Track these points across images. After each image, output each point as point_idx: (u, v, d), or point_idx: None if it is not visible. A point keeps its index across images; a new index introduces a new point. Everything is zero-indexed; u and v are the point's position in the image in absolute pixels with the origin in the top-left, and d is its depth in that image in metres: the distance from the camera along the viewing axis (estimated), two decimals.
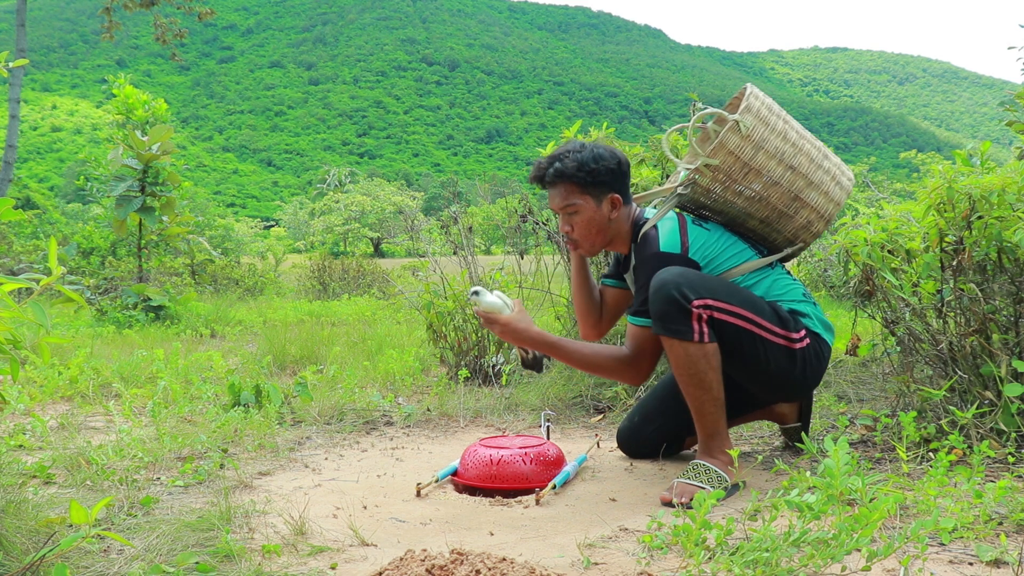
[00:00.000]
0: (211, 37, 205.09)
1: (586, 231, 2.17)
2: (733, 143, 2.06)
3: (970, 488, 1.72)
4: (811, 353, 2.09)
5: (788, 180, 2.11)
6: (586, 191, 2.13)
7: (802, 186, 2.13)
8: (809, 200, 2.15)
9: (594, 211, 2.14)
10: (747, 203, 2.13)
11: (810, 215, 2.16)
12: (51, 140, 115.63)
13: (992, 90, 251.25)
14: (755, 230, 2.20)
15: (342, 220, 41.21)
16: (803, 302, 2.15)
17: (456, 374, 3.57)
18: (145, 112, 7.01)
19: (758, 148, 2.08)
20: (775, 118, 2.11)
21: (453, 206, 4.19)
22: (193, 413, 2.95)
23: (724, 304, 2.00)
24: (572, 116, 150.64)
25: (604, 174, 2.11)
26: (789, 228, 2.18)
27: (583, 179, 2.11)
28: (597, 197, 2.14)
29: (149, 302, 6.49)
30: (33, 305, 1.31)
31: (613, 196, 2.14)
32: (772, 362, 2.05)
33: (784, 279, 2.19)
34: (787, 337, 2.05)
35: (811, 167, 2.14)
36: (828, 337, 2.16)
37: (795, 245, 2.23)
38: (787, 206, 2.13)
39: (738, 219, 2.18)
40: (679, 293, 1.95)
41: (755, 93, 2.12)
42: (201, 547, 1.63)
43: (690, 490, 1.98)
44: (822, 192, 2.16)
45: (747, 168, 2.08)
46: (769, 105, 2.13)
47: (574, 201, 2.13)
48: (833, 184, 2.18)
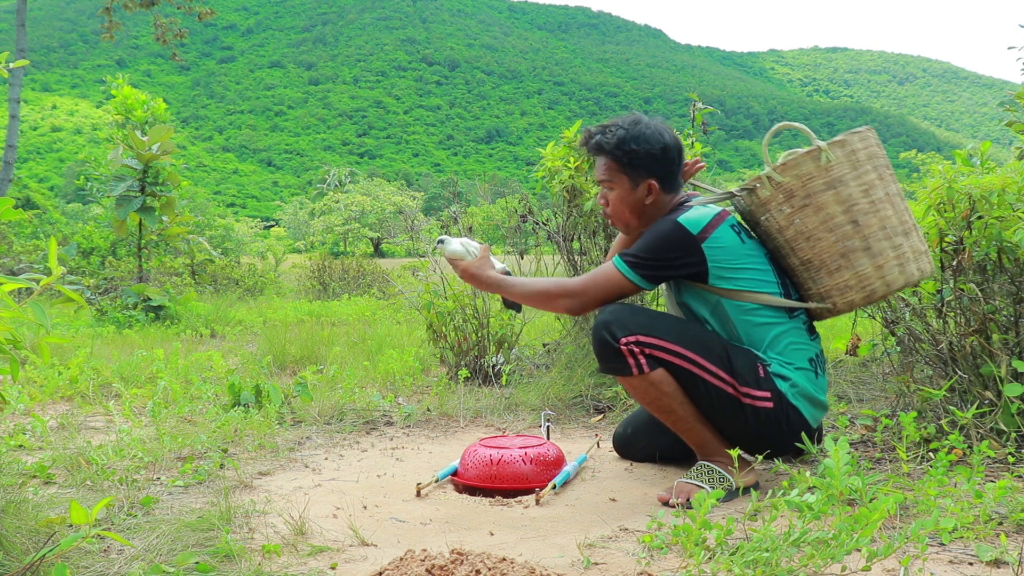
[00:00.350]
0: (211, 37, 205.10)
1: (618, 209, 2.13)
2: (805, 169, 1.97)
3: (970, 488, 1.72)
4: (770, 416, 1.97)
5: (844, 233, 1.97)
6: (623, 170, 2.08)
7: (856, 246, 1.98)
8: (856, 264, 1.99)
9: (628, 192, 2.10)
10: (794, 236, 2.01)
11: (851, 280, 2.00)
12: (51, 140, 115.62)
13: (992, 90, 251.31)
14: (794, 270, 2.08)
15: (342, 220, 41.23)
16: (800, 369, 2.00)
17: (456, 374, 3.57)
18: (144, 112, 7.01)
19: (830, 186, 1.95)
20: (868, 168, 1.97)
21: (453, 206, 4.19)
22: (193, 413, 2.95)
23: (657, 340, 1.97)
24: (572, 116, 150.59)
25: (643, 157, 2.05)
26: (825, 283, 2.03)
27: (620, 158, 2.07)
28: (633, 179, 2.08)
29: (149, 302, 6.49)
30: (33, 305, 1.31)
31: (650, 182, 2.08)
32: (717, 407, 1.98)
33: (796, 336, 2.04)
34: (734, 387, 1.96)
35: (879, 234, 1.97)
36: (808, 411, 2.01)
37: (824, 304, 2.06)
38: (831, 259, 1.99)
39: (782, 250, 2.07)
40: (608, 333, 2.00)
41: (865, 136, 2.00)
42: (201, 547, 1.63)
43: (690, 490, 1.98)
44: (876, 264, 1.98)
45: (808, 201, 1.97)
46: (872, 154, 2.00)
47: (611, 177, 2.11)
48: (894, 263, 1.99)
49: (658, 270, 2.01)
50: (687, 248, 1.98)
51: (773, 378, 1.98)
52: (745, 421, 1.98)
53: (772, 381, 1.98)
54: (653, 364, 1.97)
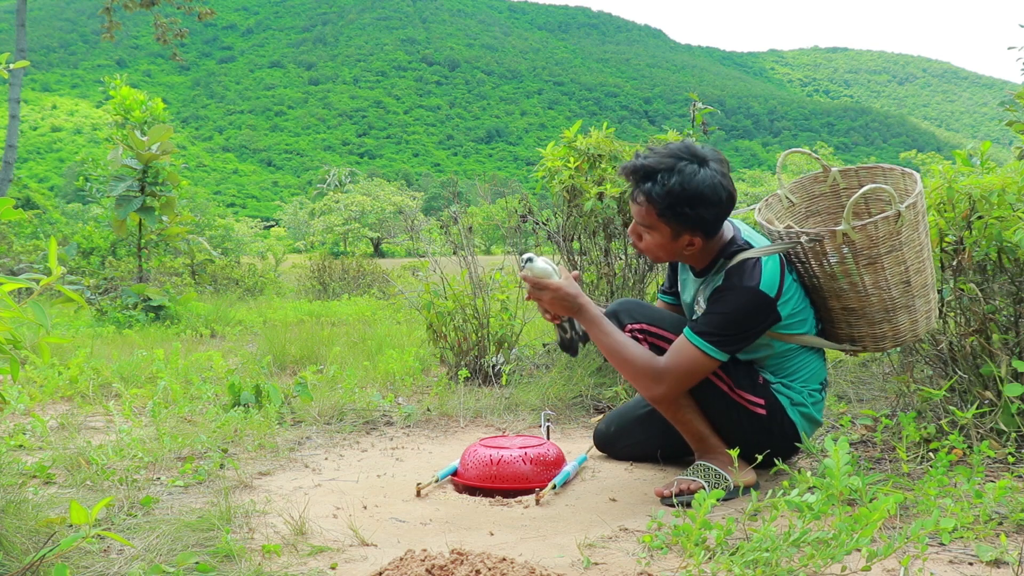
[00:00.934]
0: (211, 37, 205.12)
1: (655, 247, 1.99)
2: (880, 232, 1.90)
3: (970, 488, 1.72)
4: (761, 422, 2.00)
5: (897, 291, 1.97)
6: (667, 222, 1.91)
7: (901, 304, 1.99)
8: (896, 319, 2.00)
9: (668, 241, 1.95)
10: (848, 287, 1.98)
11: (888, 331, 2.02)
12: (51, 140, 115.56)
13: (992, 90, 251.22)
14: (831, 311, 2.05)
15: (342, 220, 41.21)
16: (812, 392, 2.04)
17: (456, 374, 3.57)
18: (142, 112, 7.01)
19: (895, 248, 1.92)
20: (921, 223, 1.97)
21: (453, 206, 4.19)
22: (193, 413, 2.95)
23: (660, 331, 2.00)
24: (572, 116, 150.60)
25: (693, 220, 1.88)
26: (862, 331, 2.04)
27: (665, 212, 1.89)
28: (677, 232, 1.93)
29: (149, 302, 6.49)
30: (33, 305, 1.31)
31: (695, 238, 1.94)
32: (712, 402, 2.00)
33: (815, 363, 2.06)
34: (729, 387, 1.99)
35: (920, 290, 2.00)
36: (803, 425, 2.03)
37: (855, 346, 2.08)
38: (877, 312, 2.00)
39: (825, 292, 2.03)
40: (616, 320, 2.02)
41: (921, 193, 1.97)
42: (201, 547, 1.63)
43: (688, 484, 1.99)
44: (912, 319, 2.02)
45: (870, 260, 1.93)
46: (923, 210, 1.99)
47: (651, 223, 1.94)
48: (924, 317, 2.05)
49: (741, 341, 1.92)
50: (768, 312, 1.91)
51: (772, 390, 2.01)
52: (738, 420, 2.01)
53: (769, 390, 2.01)
54: (656, 352, 1.99)
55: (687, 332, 1.93)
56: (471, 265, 3.79)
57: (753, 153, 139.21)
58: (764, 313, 1.90)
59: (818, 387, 2.07)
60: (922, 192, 1.97)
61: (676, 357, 1.93)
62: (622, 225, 3.86)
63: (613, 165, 3.76)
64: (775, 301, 1.90)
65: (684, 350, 1.92)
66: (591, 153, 3.77)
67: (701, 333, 1.90)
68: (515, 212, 4.08)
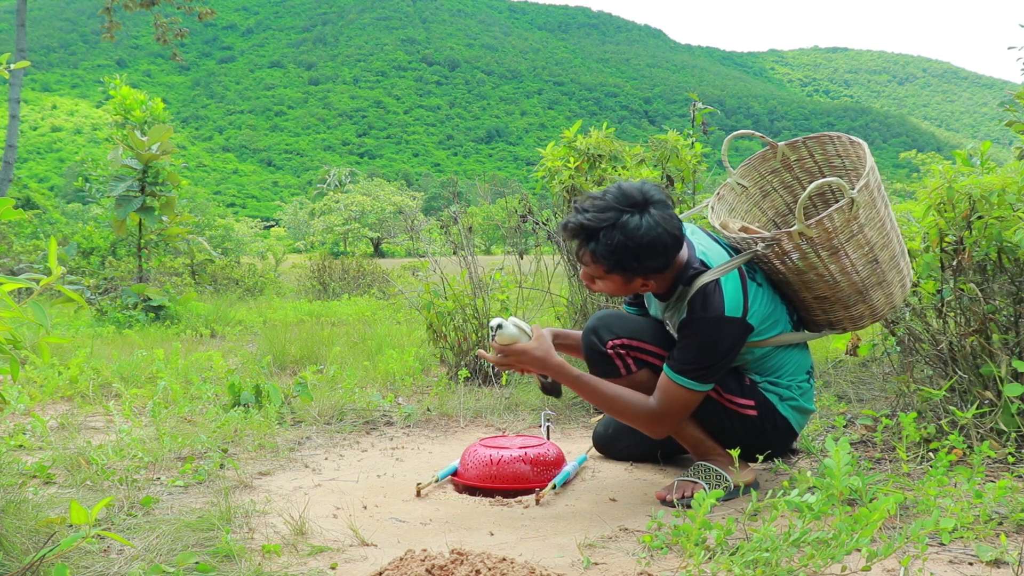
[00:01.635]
0: (211, 37, 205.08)
1: (610, 291, 1.99)
2: (834, 223, 1.89)
3: (970, 488, 1.72)
4: (754, 423, 2.00)
5: (865, 274, 1.96)
6: (618, 273, 1.90)
7: (873, 283, 1.98)
8: (872, 298, 2.01)
9: (622, 286, 1.95)
10: (815, 279, 1.97)
11: (865, 311, 2.03)
12: (51, 140, 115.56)
13: (992, 90, 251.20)
14: (804, 302, 2.05)
15: (342, 220, 41.20)
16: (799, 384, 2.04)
17: (456, 374, 3.57)
18: (142, 112, 7.01)
19: (854, 234, 1.90)
20: (878, 199, 1.94)
21: (453, 206, 4.19)
22: (193, 413, 2.95)
23: (642, 344, 2.00)
24: (572, 116, 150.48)
25: (638, 268, 1.87)
26: (839, 315, 2.04)
27: (614, 268, 1.88)
28: (628, 279, 1.92)
29: (149, 302, 6.49)
30: (33, 305, 1.31)
31: (648, 282, 1.94)
32: (704, 411, 2.00)
33: (798, 355, 2.06)
34: (718, 392, 1.99)
35: (889, 264, 1.99)
36: (794, 418, 2.04)
37: (835, 330, 2.10)
38: (848, 297, 1.99)
39: (794, 285, 2.02)
40: (596, 338, 2.02)
41: (873, 167, 1.94)
42: (201, 547, 1.63)
43: (689, 487, 1.99)
44: (887, 293, 2.02)
45: (832, 251, 1.92)
46: (878, 181, 1.95)
47: (600, 275, 1.93)
48: (899, 287, 2.05)
49: (722, 366, 1.91)
50: (740, 332, 1.90)
51: (760, 390, 2.01)
52: (730, 425, 2.01)
53: (757, 391, 2.01)
54: (640, 365, 2.01)
55: (668, 372, 1.92)
56: (471, 265, 3.79)
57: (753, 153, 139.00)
58: (736, 334, 1.88)
59: (805, 376, 2.06)
60: (874, 166, 1.94)
61: (665, 399, 1.93)
62: None
63: (613, 165, 3.76)
64: (743, 319, 1.88)
65: (670, 391, 1.92)
66: (591, 153, 3.77)
67: (682, 372, 1.89)
68: (515, 212, 4.08)
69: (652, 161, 3.79)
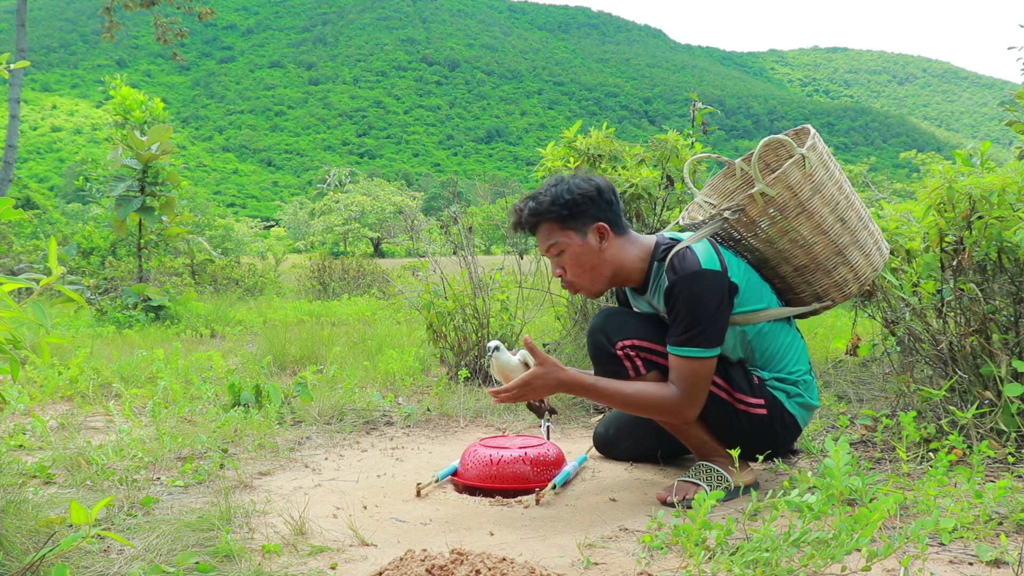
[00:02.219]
0: (211, 37, 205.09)
1: (578, 268, 2.01)
2: (795, 178, 1.93)
3: (970, 488, 1.72)
4: (764, 422, 1.99)
5: (836, 232, 1.98)
6: (567, 226, 1.98)
7: (848, 242, 2.00)
8: (850, 257, 2.02)
9: (580, 245, 1.99)
10: (789, 245, 1.99)
11: (847, 274, 2.03)
12: (51, 140, 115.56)
13: (992, 90, 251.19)
14: (785, 277, 2.07)
15: (342, 220, 41.19)
16: (805, 375, 2.04)
17: (456, 374, 3.57)
18: (142, 113, 7.01)
19: (816, 190, 1.94)
20: (833, 165, 2.00)
21: (453, 206, 4.19)
22: (193, 413, 2.95)
23: (651, 344, 1.99)
24: (572, 116, 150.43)
25: (582, 203, 1.96)
26: (823, 283, 2.05)
27: (560, 213, 1.97)
28: (580, 230, 1.98)
29: (149, 302, 6.49)
30: (33, 305, 1.31)
31: (598, 225, 1.98)
32: (711, 411, 1.99)
33: (799, 342, 2.07)
34: (729, 392, 1.99)
35: (859, 224, 2.02)
36: (800, 415, 2.04)
37: (823, 302, 2.08)
38: (828, 259, 2.01)
39: (771, 261, 2.04)
40: (604, 337, 2.00)
41: (816, 134, 2.00)
42: (201, 547, 1.63)
43: (689, 489, 1.99)
44: (864, 253, 2.03)
45: (801, 208, 1.95)
46: (829, 152, 2.01)
47: (557, 240, 1.99)
48: (874, 247, 2.06)
49: (719, 326, 1.90)
50: (724, 286, 1.90)
51: (768, 387, 2.01)
52: (739, 426, 2.00)
53: (766, 389, 2.01)
54: (649, 367, 2.00)
55: (672, 349, 1.93)
56: (471, 265, 3.79)
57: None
58: (720, 288, 1.89)
59: (807, 367, 2.07)
60: (816, 134, 2.00)
61: (680, 378, 1.92)
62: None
63: (613, 165, 3.76)
64: (724, 273, 1.91)
65: (682, 367, 1.92)
66: (591, 153, 3.77)
67: (683, 343, 1.90)
68: None
69: (652, 161, 3.79)
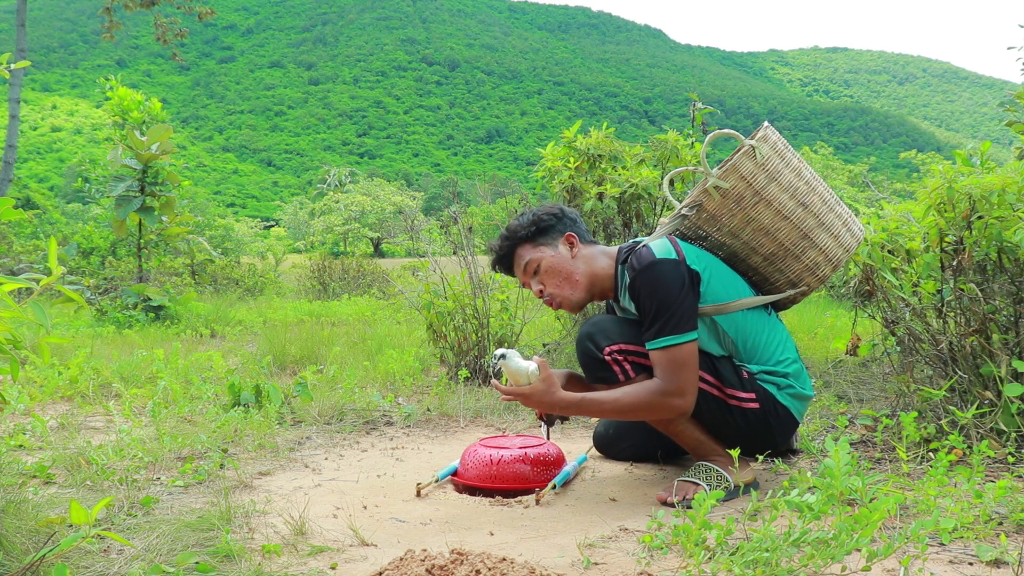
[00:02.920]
0: (211, 37, 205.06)
1: (555, 279, 2.12)
2: (747, 168, 1.98)
3: (970, 488, 1.72)
4: (757, 416, 1.99)
5: (799, 217, 2.01)
6: (538, 242, 2.15)
7: (812, 225, 2.02)
8: (818, 241, 2.04)
9: (553, 255, 2.13)
10: (753, 235, 2.03)
11: (817, 257, 2.05)
12: (51, 140, 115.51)
13: (992, 90, 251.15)
14: (757, 268, 2.10)
15: (342, 220, 41.18)
16: (793, 363, 2.04)
17: (456, 374, 3.57)
18: (140, 113, 7.01)
19: (771, 179, 1.99)
20: (790, 154, 2.03)
21: (453, 206, 4.19)
22: (193, 413, 2.95)
23: (640, 347, 2.00)
24: (572, 116, 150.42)
25: (548, 220, 2.16)
26: (794, 269, 2.07)
27: (528, 231, 2.15)
28: (551, 243, 2.15)
29: (149, 302, 6.49)
30: (33, 305, 1.31)
31: (567, 235, 2.15)
32: (704, 410, 1.99)
33: (781, 330, 2.09)
34: (720, 388, 1.99)
35: (823, 208, 2.04)
36: (794, 406, 2.04)
37: (798, 288, 2.10)
38: (795, 244, 2.03)
39: (740, 253, 2.08)
40: (592, 344, 2.04)
41: (771, 128, 2.05)
42: (201, 547, 1.63)
43: (688, 489, 1.99)
44: (832, 235, 2.05)
45: (758, 197, 1.99)
46: (785, 143, 2.05)
47: (530, 257, 2.14)
48: (843, 229, 2.07)
49: (687, 311, 1.93)
50: (683, 273, 1.95)
51: (758, 381, 2.01)
52: (734, 422, 2.00)
53: (755, 382, 2.01)
54: (638, 370, 2.01)
55: (649, 346, 1.96)
56: (471, 265, 3.79)
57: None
58: (677, 274, 1.94)
59: (794, 355, 2.06)
60: (768, 125, 2.04)
61: (664, 371, 1.94)
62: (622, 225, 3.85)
63: (613, 165, 3.76)
64: (680, 261, 1.96)
65: (661, 359, 1.94)
66: (591, 153, 3.77)
67: (655, 334, 1.94)
68: (515, 212, 4.08)
69: (652, 161, 3.79)
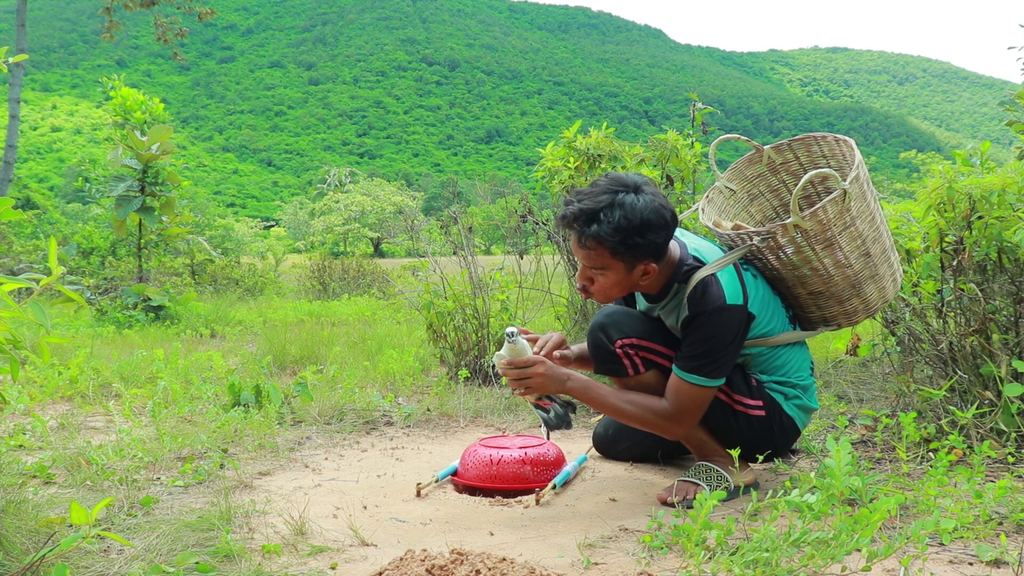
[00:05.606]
0: (211, 37, 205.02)
1: (607, 291, 1.95)
2: (831, 213, 1.89)
3: (970, 488, 1.72)
4: (762, 423, 1.99)
5: (858, 267, 1.97)
6: (619, 257, 1.86)
7: (866, 276, 1.99)
8: (865, 290, 2.01)
9: (623, 277, 1.91)
10: (810, 273, 1.97)
11: (858, 305, 2.03)
12: (51, 140, 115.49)
13: (992, 90, 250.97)
14: (798, 298, 2.06)
15: (342, 220, 41.16)
16: (802, 382, 2.05)
17: (456, 374, 3.57)
18: (142, 113, 7.01)
19: (847, 226, 1.91)
20: (868, 192, 1.96)
21: (453, 206, 4.19)
22: (193, 413, 2.95)
23: (651, 344, 1.98)
24: (572, 116, 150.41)
25: (646, 248, 1.84)
26: (833, 311, 2.05)
27: (618, 248, 1.84)
28: (630, 264, 1.88)
29: (149, 302, 6.48)
30: (33, 305, 1.31)
31: (649, 266, 1.90)
32: (709, 412, 1.98)
33: (800, 352, 2.07)
34: (727, 393, 1.98)
35: (881, 258, 2.00)
36: (799, 417, 2.04)
37: (829, 326, 2.10)
38: (842, 291, 2.00)
39: (788, 281, 2.02)
40: (604, 335, 1.99)
41: (861, 161, 1.95)
42: (201, 547, 1.63)
43: (689, 489, 1.99)
44: (880, 287, 2.03)
45: (828, 243, 1.92)
46: (867, 178, 1.97)
47: (603, 264, 1.88)
48: (890, 281, 2.05)
49: (730, 359, 1.90)
50: (743, 321, 1.89)
51: (766, 389, 2.01)
52: (737, 427, 2.00)
53: (764, 390, 2.01)
54: (648, 366, 2.00)
55: (678, 372, 1.91)
56: (471, 265, 3.79)
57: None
58: (739, 322, 1.88)
59: (807, 372, 2.07)
60: (861, 160, 1.96)
61: (678, 399, 1.92)
62: None
63: (613, 165, 3.76)
64: (744, 306, 1.89)
65: (683, 390, 1.91)
66: (591, 153, 3.77)
67: (692, 369, 1.88)
68: (515, 212, 4.08)
69: (652, 161, 3.79)
